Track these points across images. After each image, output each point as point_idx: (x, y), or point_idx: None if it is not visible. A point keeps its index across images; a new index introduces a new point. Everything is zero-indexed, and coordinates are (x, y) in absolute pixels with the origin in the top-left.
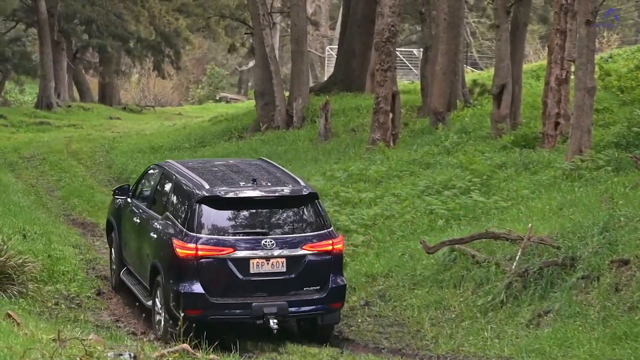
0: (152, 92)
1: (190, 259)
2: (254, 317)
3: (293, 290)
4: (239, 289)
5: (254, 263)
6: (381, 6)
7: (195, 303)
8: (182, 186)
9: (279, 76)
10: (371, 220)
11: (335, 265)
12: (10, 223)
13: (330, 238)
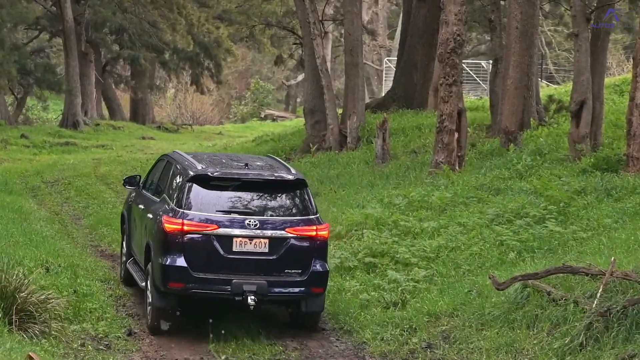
0: (189, 109)
1: (177, 234)
2: (233, 293)
3: (274, 271)
4: (221, 266)
5: (237, 241)
6: (446, 13)
7: (178, 276)
8: (178, 169)
9: (331, 91)
10: (434, 253)
11: (318, 251)
12: (31, 255)
13: (315, 224)
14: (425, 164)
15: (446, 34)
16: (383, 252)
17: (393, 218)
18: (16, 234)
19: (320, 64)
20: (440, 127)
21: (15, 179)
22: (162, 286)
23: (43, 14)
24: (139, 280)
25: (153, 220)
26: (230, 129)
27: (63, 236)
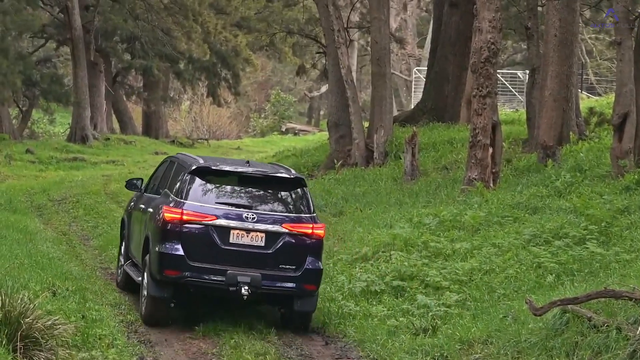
0: (205, 123)
1: (176, 223)
2: (227, 283)
3: (269, 265)
4: (217, 256)
5: (234, 233)
6: (479, 20)
7: (175, 264)
8: (181, 164)
9: (357, 103)
10: (467, 276)
11: (313, 249)
12: (37, 278)
13: (312, 223)
14: (458, 180)
15: (480, 42)
16: (412, 275)
17: (423, 239)
18: (21, 256)
19: (345, 74)
20: (473, 141)
21: (19, 196)
22: (159, 274)
23: (50, 22)
24: (136, 277)
25: (154, 213)
26: (249, 143)
27: (71, 258)
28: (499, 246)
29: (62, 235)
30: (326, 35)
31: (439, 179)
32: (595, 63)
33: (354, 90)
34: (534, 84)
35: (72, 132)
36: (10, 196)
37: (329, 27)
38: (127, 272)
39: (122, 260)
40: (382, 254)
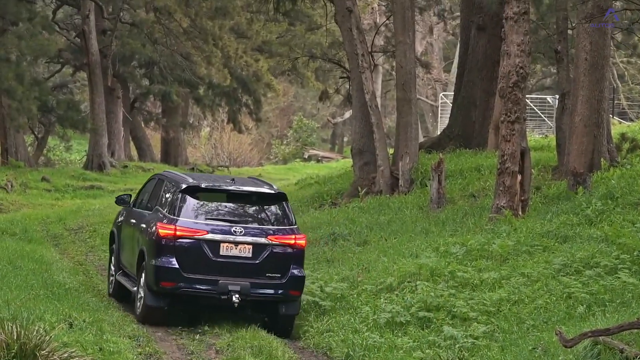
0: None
1: (170, 238)
2: (219, 292)
3: (256, 274)
4: (209, 268)
5: (224, 246)
6: (507, 44)
7: (170, 276)
8: (171, 183)
9: (382, 130)
10: (495, 306)
11: (296, 258)
12: (53, 309)
13: (294, 234)
14: (485, 208)
15: (508, 66)
16: (439, 305)
17: (450, 268)
18: (36, 286)
19: (369, 99)
20: (501, 168)
21: (35, 225)
22: (155, 285)
23: (66, 46)
24: (130, 286)
25: (147, 228)
26: (271, 170)
27: (88, 288)
28: (528, 276)
29: (78, 265)
30: (350, 60)
31: (466, 207)
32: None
33: (379, 116)
34: (563, 109)
35: (89, 160)
36: (26, 225)
37: (353, 51)
38: (120, 281)
39: (112, 270)
40: (408, 284)
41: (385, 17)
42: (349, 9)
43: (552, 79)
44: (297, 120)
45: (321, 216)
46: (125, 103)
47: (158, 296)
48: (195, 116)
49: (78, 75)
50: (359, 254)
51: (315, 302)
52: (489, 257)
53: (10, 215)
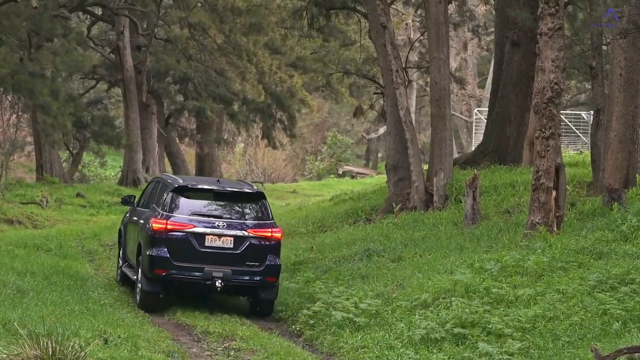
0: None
1: (162, 231)
2: (204, 278)
3: (237, 262)
4: (196, 257)
5: (208, 238)
6: (542, 59)
7: (163, 264)
8: (165, 184)
9: (416, 146)
10: (530, 323)
11: (273, 249)
12: (88, 325)
13: (270, 227)
14: (520, 225)
15: (542, 82)
16: (473, 322)
17: (484, 285)
18: (71, 302)
19: (403, 115)
20: (536, 184)
21: (70, 241)
22: (149, 272)
23: (101, 62)
24: (132, 275)
25: (144, 223)
26: (305, 186)
27: (123, 304)
28: (563, 292)
29: (113, 281)
30: (384, 76)
31: (501, 223)
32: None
33: (413, 132)
34: (598, 125)
35: (123, 176)
36: (61, 241)
37: (387, 67)
38: (125, 272)
39: (120, 262)
40: (443, 300)
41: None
42: (383, 24)
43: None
44: (332, 136)
45: (356, 232)
46: (160, 119)
47: (152, 282)
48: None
49: (113, 91)
50: (394, 270)
51: (349, 318)
52: (524, 273)
53: (46, 231)
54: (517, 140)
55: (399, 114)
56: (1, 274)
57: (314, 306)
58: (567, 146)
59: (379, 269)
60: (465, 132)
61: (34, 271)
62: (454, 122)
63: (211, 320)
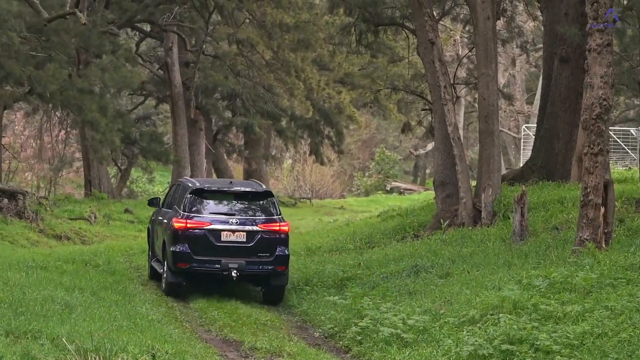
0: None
1: (182, 229)
2: (222, 269)
3: (250, 254)
4: (213, 251)
5: (224, 234)
6: (590, 75)
7: (184, 259)
8: (184, 187)
9: (464, 162)
10: (578, 340)
11: (281, 241)
12: (136, 340)
13: (279, 222)
14: (568, 241)
15: (591, 98)
16: (521, 338)
17: (532, 301)
18: (119, 318)
19: (451, 131)
20: (584, 200)
21: (118, 257)
22: (173, 266)
23: (149, 79)
24: (159, 269)
25: (167, 223)
26: (353, 202)
27: (170, 320)
28: (611, 309)
29: (161, 297)
30: (432, 92)
31: (549, 239)
32: None
33: (461, 148)
34: None
35: None
36: (109, 257)
37: (435, 83)
38: (153, 266)
39: (150, 257)
40: (491, 316)
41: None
42: (432, 41)
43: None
44: (379, 152)
45: (403, 248)
46: (208, 135)
47: (176, 274)
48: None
49: (161, 107)
50: (441, 286)
51: (397, 334)
52: (572, 289)
53: (94, 246)
54: (565, 157)
55: (447, 130)
56: (50, 290)
57: (362, 322)
58: (615, 162)
59: (426, 285)
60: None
61: (82, 287)
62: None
63: (258, 336)
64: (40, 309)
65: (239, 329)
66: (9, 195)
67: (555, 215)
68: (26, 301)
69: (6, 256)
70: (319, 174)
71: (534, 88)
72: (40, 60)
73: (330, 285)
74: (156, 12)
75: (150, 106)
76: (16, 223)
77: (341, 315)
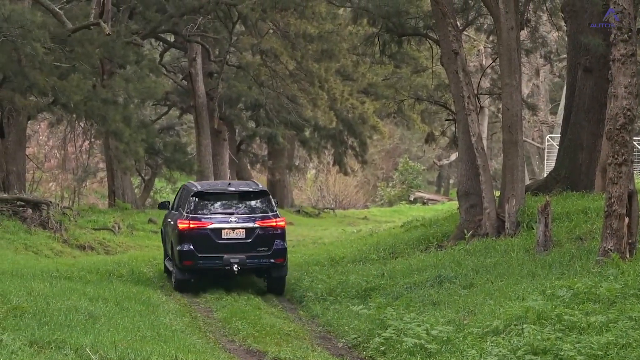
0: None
1: (186, 230)
2: (224, 265)
3: (249, 249)
4: (215, 248)
5: (224, 232)
6: (614, 86)
7: (189, 257)
8: (188, 190)
9: (488, 172)
10: (602, 350)
11: (278, 236)
12: (160, 350)
13: (275, 218)
14: (592, 251)
15: (615, 108)
16: (545, 349)
17: (556, 312)
18: (143, 328)
19: (475, 141)
20: (608, 211)
21: (142, 267)
22: (180, 264)
23: (173, 89)
24: (170, 267)
25: (173, 225)
26: (377, 213)
27: (194, 330)
28: (635, 319)
29: (184, 307)
30: (456, 102)
31: (573, 249)
32: None
33: (485, 159)
34: None
35: None
36: (133, 267)
37: (459, 94)
38: (166, 264)
39: (164, 257)
40: (514, 327)
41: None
42: (455, 51)
43: None
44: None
45: (427, 259)
46: (232, 145)
47: (183, 272)
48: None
49: (185, 118)
50: (465, 296)
51: (421, 344)
52: (596, 300)
53: (118, 257)
54: (589, 167)
55: (471, 141)
56: (73, 300)
57: (386, 332)
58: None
59: (450, 295)
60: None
61: (106, 297)
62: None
63: (282, 346)
64: (64, 319)
65: (263, 339)
66: (33, 206)
67: (579, 226)
68: (50, 311)
69: (30, 266)
70: (343, 184)
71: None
72: (64, 70)
73: (354, 295)
74: (180, 23)
75: (174, 116)
76: (40, 233)
77: (365, 326)
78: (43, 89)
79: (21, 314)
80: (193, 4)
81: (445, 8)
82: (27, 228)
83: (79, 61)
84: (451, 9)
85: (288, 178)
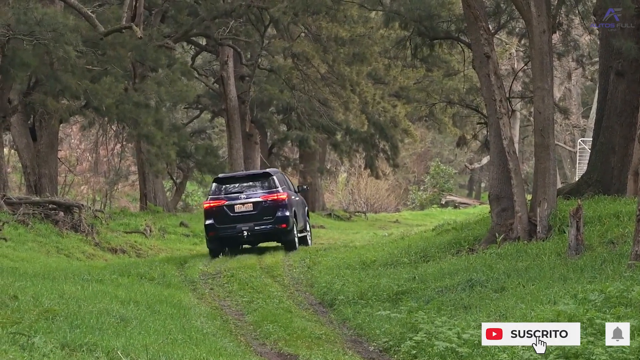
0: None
1: (208, 208)
2: (237, 232)
3: (257, 219)
4: (230, 220)
5: (236, 207)
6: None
7: (212, 229)
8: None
9: (520, 176)
10: (634, 354)
11: (280, 207)
12: (191, 354)
13: (276, 193)
14: (624, 255)
15: None
16: (577, 353)
17: (588, 315)
18: (174, 331)
19: (507, 145)
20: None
21: (173, 270)
22: (207, 236)
23: (204, 92)
24: None
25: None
26: (408, 216)
27: (225, 333)
28: None
29: (215, 310)
30: (487, 106)
31: (605, 253)
32: None
33: (516, 162)
34: None
35: None
36: (164, 270)
37: (491, 97)
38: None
39: None
40: None
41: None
42: (487, 54)
43: None
44: (435, 166)
45: (458, 262)
46: (263, 148)
47: (210, 241)
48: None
49: (216, 121)
50: (497, 300)
51: (452, 348)
52: (628, 304)
53: (149, 260)
54: (621, 171)
55: (502, 144)
56: (105, 303)
57: (417, 336)
58: None
59: (481, 299)
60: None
61: (138, 300)
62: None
63: (313, 349)
64: (96, 322)
65: (294, 342)
66: (65, 209)
67: (611, 230)
68: (81, 314)
69: (62, 269)
70: (374, 187)
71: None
72: (96, 74)
73: (385, 299)
74: (212, 26)
75: (205, 120)
76: (72, 236)
77: (396, 329)
78: (75, 92)
79: (53, 317)
80: (225, 8)
81: (477, 11)
82: (59, 231)
83: (111, 64)
84: (483, 13)
85: (319, 181)
